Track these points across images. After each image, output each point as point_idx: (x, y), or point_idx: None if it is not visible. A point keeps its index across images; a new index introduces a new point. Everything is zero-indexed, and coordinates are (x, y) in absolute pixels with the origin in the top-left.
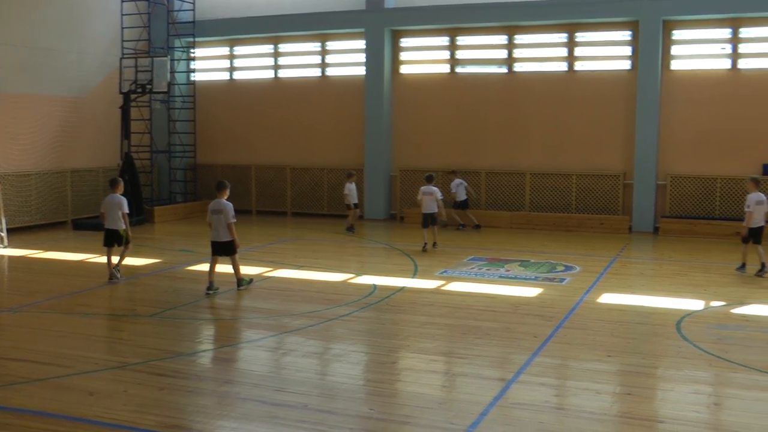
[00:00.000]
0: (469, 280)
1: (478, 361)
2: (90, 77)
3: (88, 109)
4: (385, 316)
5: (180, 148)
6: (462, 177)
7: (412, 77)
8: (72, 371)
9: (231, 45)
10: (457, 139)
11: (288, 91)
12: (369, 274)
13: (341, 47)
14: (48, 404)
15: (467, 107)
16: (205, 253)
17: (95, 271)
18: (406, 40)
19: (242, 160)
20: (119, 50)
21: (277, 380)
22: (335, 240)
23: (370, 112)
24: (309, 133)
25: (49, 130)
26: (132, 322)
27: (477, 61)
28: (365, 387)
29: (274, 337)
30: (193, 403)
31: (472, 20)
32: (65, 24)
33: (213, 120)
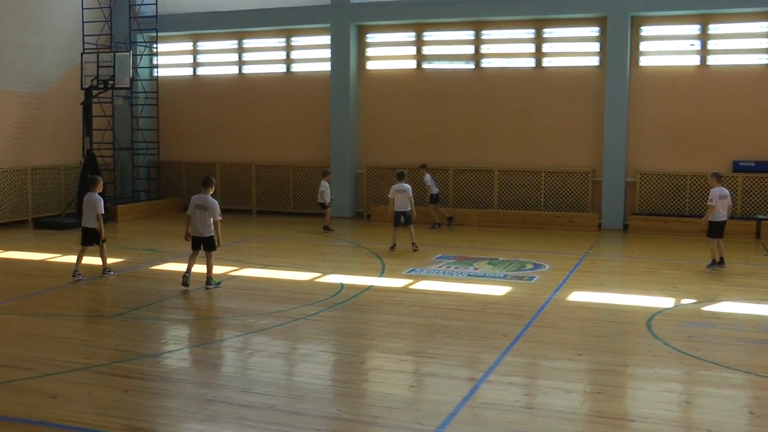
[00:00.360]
0: (438, 279)
1: (447, 360)
2: (50, 72)
3: (49, 105)
4: (352, 315)
5: (143, 146)
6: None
7: (379, 73)
8: (34, 374)
9: (194, 40)
10: (425, 135)
11: (253, 87)
12: (336, 273)
13: (306, 43)
14: (9, 408)
15: (434, 103)
16: (169, 252)
17: (57, 270)
18: (372, 36)
19: (207, 158)
20: (80, 45)
21: (243, 381)
22: (301, 238)
23: (336, 109)
24: (274, 130)
25: (7, 126)
26: (95, 322)
27: (444, 56)
28: (333, 387)
29: (240, 337)
30: (158, 405)
31: (438, 15)
32: (21, 16)
33: (177, 116)
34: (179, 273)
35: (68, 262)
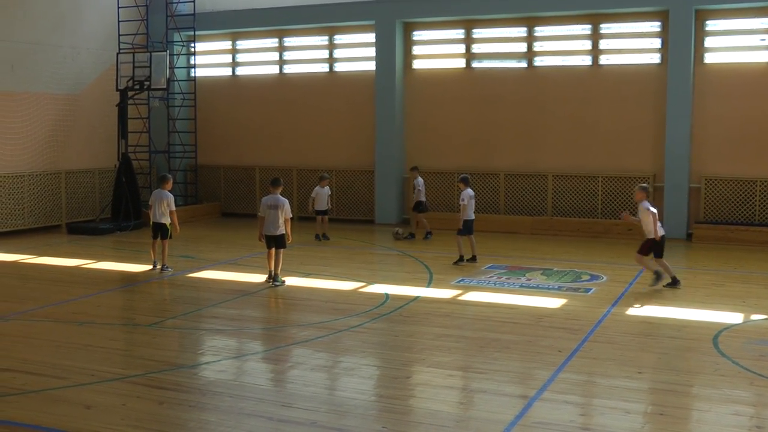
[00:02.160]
0: (488, 290)
1: (497, 376)
2: (85, 74)
3: (84, 108)
4: (398, 327)
5: (180, 148)
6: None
7: (425, 72)
8: (68, 383)
9: (233, 39)
10: (474, 138)
11: (294, 87)
12: (381, 283)
13: (350, 41)
14: (42, 417)
15: (484, 104)
16: (206, 259)
17: (91, 277)
18: (419, 33)
19: (246, 161)
20: (116, 45)
21: (283, 395)
22: (344, 246)
23: (381, 110)
24: (316, 132)
25: (42, 129)
26: (130, 331)
27: (494, 55)
28: (377, 403)
29: (280, 349)
30: (195, 419)
31: (488, 11)
32: (55, 17)
33: (214, 118)
34: (217, 281)
35: (102, 269)
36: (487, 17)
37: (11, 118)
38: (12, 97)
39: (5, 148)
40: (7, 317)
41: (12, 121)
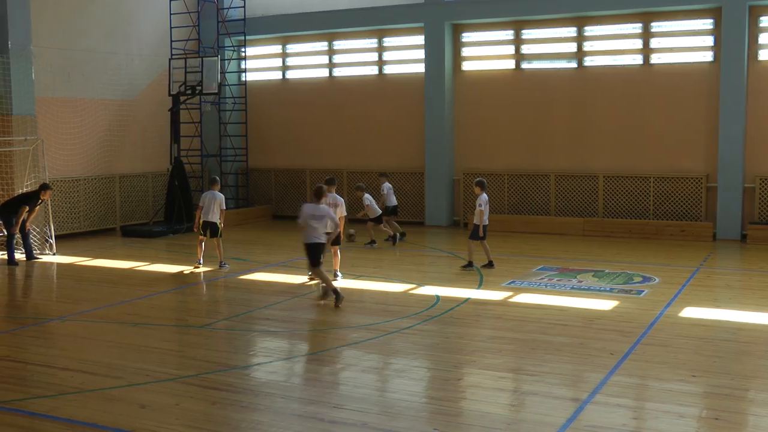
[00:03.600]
0: (539, 292)
1: (549, 378)
2: (138, 79)
3: (137, 113)
4: (449, 329)
5: (231, 152)
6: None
7: (475, 74)
8: (123, 382)
9: (283, 43)
10: (524, 139)
11: (344, 90)
12: (431, 285)
13: (399, 43)
14: (99, 416)
15: (534, 105)
16: (258, 261)
17: (145, 279)
18: (468, 35)
19: (296, 164)
20: (168, 51)
21: (335, 396)
22: (395, 248)
23: (431, 112)
24: (366, 134)
25: (97, 134)
26: (183, 332)
27: (544, 55)
28: (429, 405)
29: (331, 351)
30: (247, 419)
31: (538, 12)
32: (111, 25)
33: (265, 122)
34: (268, 282)
35: (155, 271)
36: (536, 18)
37: (68, 124)
38: (69, 103)
39: (62, 154)
40: (64, 318)
41: (68, 127)
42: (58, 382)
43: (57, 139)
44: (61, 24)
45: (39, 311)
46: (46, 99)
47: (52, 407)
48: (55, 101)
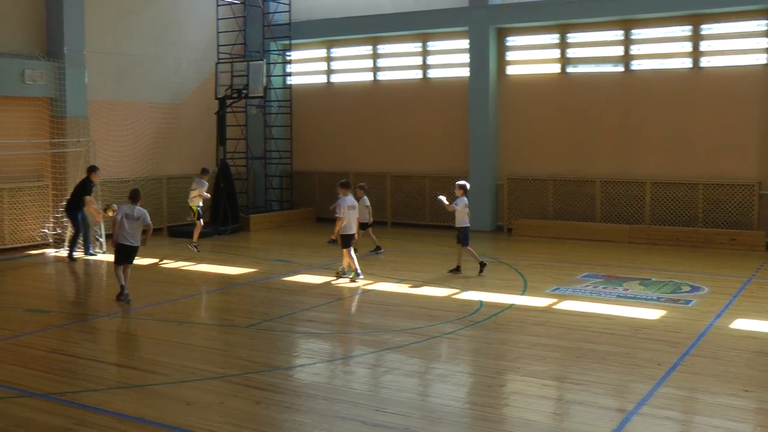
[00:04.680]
0: (584, 299)
1: (594, 388)
2: (185, 83)
3: (184, 116)
4: (492, 335)
5: (276, 155)
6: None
7: (519, 78)
8: (169, 379)
9: (328, 47)
10: (569, 144)
11: (387, 94)
12: (475, 290)
13: (443, 47)
14: (146, 411)
15: (579, 110)
16: (301, 263)
17: (190, 278)
18: (512, 39)
19: (340, 167)
20: (215, 55)
21: (377, 399)
22: (438, 252)
23: (475, 116)
24: (410, 138)
25: (146, 136)
26: (228, 332)
27: (590, 59)
28: (471, 411)
29: (374, 354)
30: (290, 420)
31: (584, 15)
32: (160, 31)
33: (309, 125)
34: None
35: (201, 271)
36: (582, 21)
37: (118, 127)
38: (119, 106)
39: (112, 156)
40: (113, 315)
41: (119, 130)
42: (107, 376)
43: (108, 141)
44: (113, 30)
45: (89, 307)
46: (98, 102)
47: (101, 400)
48: (107, 104)
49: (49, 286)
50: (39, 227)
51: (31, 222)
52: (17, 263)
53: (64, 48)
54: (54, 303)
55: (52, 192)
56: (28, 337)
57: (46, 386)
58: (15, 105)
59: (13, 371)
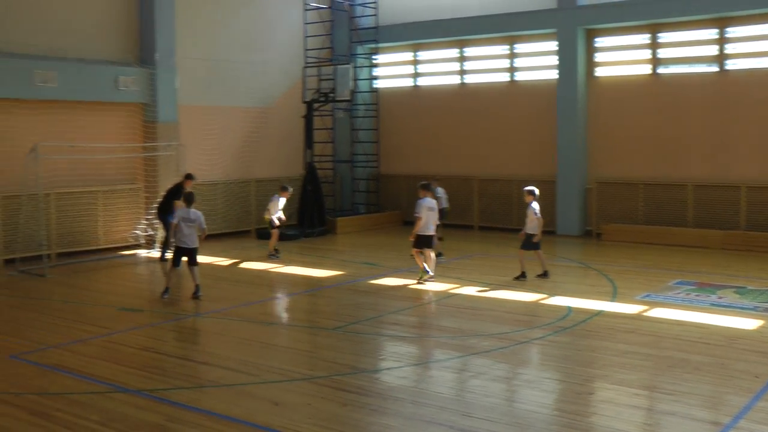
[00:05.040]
0: (676, 307)
1: (686, 399)
2: (274, 87)
3: (272, 119)
4: (580, 341)
5: (362, 158)
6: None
7: (609, 80)
8: (257, 379)
9: (414, 50)
10: (660, 147)
11: (474, 97)
12: (563, 296)
13: (531, 49)
14: (234, 410)
15: (671, 111)
16: (387, 266)
17: (278, 280)
18: (601, 40)
19: (426, 170)
20: (302, 59)
21: (463, 404)
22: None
23: (563, 119)
24: (497, 141)
25: (235, 140)
26: (315, 334)
27: (682, 59)
28: (559, 418)
29: (460, 358)
30: (376, 423)
31: (676, 13)
32: (249, 36)
33: (396, 128)
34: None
35: (288, 273)
36: (674, 20)
37: (208, 131)
38: (209, 110)
39: (202, 159)
40: (203, 314)
41: (209, 134)
42: (196, 375)
43: (197, 144)
44: (203, 36)
45: (179, 307)
46: (189, 107)
47: (191, 398)
48: (197, 109)
49: (140, 285)
50: (131, 229)
51: (124, 223)
52: (110, 263)
53: (156, 55)
54: (145, 302)
55: (144, 194)
56: (120, 335)
57: (139, 383)
58: (109, 110)
59: (108, 367)
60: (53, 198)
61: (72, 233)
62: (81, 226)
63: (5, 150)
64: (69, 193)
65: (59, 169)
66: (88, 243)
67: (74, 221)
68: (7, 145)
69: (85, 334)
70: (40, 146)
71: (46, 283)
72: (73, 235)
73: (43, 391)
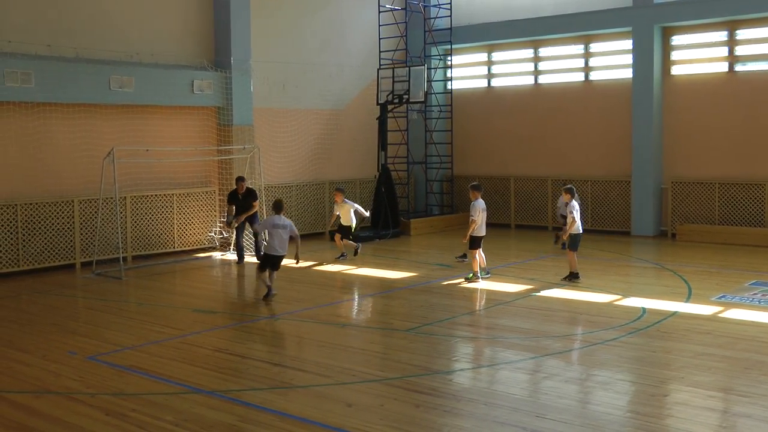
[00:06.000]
0: (752, 308)
1: (763, 401)
2: (348, 89)
3: (346, 121)
4: (655, 343)
5: (436, 159)
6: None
7: (685, 78)
8: (331, 381)
9: (489, 51)
10: (737, 146)
11: (549, 97)
12: (637, 296)
13: (606, 49)
14: (308, 411)
15: (749, 109)
16: (461, 268)
17: (352, 282)
18: (678, 38)
19: (500, 172)
20: (376, 61)
21: (536, 405)
22: (600, 258)
23: (638, 118)
24: (571, 142)
25: (309, 142)
26: (388, 335)
27: (760, 56)
28: (633, 420)
29: (533, 360)
30: (449, 424)
31: (754, 10)
32: (325, 38)
33: (470, 130)
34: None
35: (362, 275)
36: (753, 16)
37: (282, 133)
38: (283, 113)
39: (276, 161)
40: (277, 316)
41: (283, 136)
42: (270, 376)
43: (272, 147)
44: (277, 39)
45: (253, 309)
46: (263, 110)
47: (265, 399)
48: (271, 112)
49: (215, 288)
50: (206, 231)
51: (198, 226)
52: (185, 266)
53: (231, 58)
54: (219, 304)
55: (219, 197)
56: (195, 337)
57: (212, 383)
58: (184, 114)
59: (183, 368)
60: (129, 201)
61: (147, 236)
62: (156, 229)
63: (83, 154)
64: (144, 196)
65: (135, 172)
66: (163, 246)
67: (149, 224)
68: (84, 149)
69: (160, 335)
70: (116, 150)
71: (122, 286)
72: (149, 238)
73: (118, 392)
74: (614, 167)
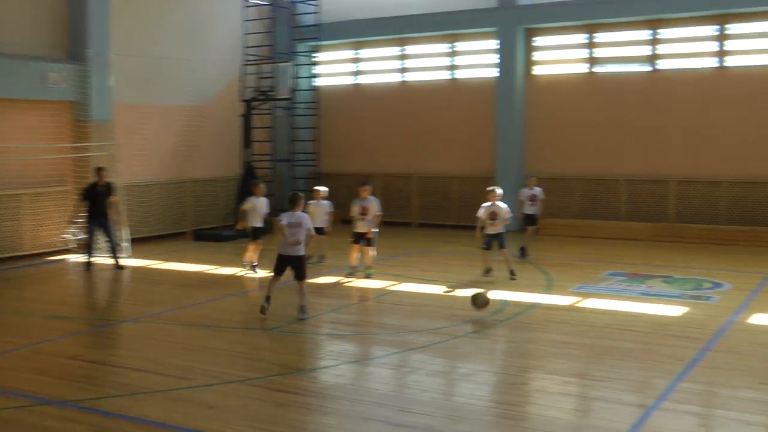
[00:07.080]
0: (607, 297)
1: (615, 384)
2: (211, 85)
3: (209, 118)
4: (516, 334)
5: (302, 157)
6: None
7: (547, 78)
8: (192, 384)
9: (356, 48)
10: (595, 143)
11: (415, 95)
12: (499, 289)
13: (471, 48)
14: (168, 416)
15: (606, 109)
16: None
17: (214, 282)
18: (540, 39)
19: (366, 168)
20: (241, 57)
21: (401, 400)
22: (464, 253)
23: (502, 117)
24: (437, 139)
25: (169, 139)
26: (252, 335)
27: (617, 59)
28: (494, 409)
29: (398, 355)
30: (314, 422)
31: (612, 15)
32: (186, 32)
33: (336, 126)
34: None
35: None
36: (610, 21)
37: (143, 130)
38: (144, 109)
39: (136, 159)
40: (137, 320)
41: (143, 133)
42: (129, 382)
43: (132, 144)
44: (139, 32)
45: (112, 313)
46: (123, 105)
47: (123, 406)
48: (130, 107)
49: (70, 292)
50: (60, 233)
51: (52, 227)
52: (38, 269)
53: (87, 51)
54: (76, 309)
55: (74, 197)
56: (47, 345)
57: (65, 393)
58: (37, 108)
59: (32, 379)
60: None
61: None
62: (4, 232)
63: None
64: None
65: None
66: (12, 249)
67: None
68: None
69: (6, 345)
70: None
71: None
72: None
73: None
74: (479, 164)
